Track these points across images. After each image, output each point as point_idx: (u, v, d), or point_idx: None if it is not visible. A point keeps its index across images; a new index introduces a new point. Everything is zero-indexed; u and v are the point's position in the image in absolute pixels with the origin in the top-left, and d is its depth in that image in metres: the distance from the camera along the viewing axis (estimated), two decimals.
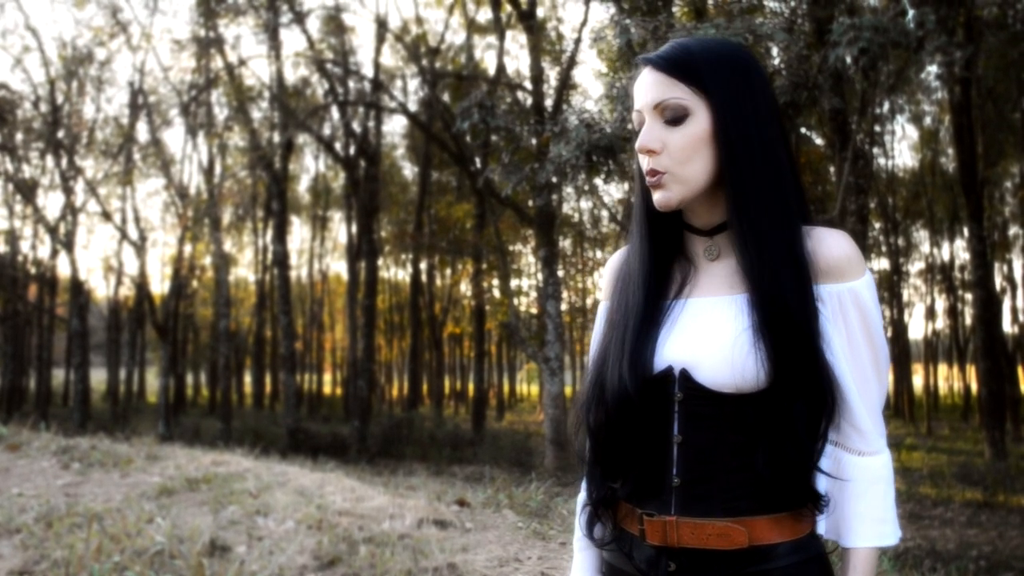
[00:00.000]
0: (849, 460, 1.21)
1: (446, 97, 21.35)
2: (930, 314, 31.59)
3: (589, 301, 29.54)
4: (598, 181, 12.65)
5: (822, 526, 1.21)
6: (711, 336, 1.19)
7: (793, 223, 1.20)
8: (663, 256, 1.30)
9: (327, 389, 41.29)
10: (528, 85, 17.48)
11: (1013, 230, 27.48)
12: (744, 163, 1.19)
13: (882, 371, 1.21)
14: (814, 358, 1.16)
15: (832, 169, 13.32)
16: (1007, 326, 25.62)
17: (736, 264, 1.23)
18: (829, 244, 1.19)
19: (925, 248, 29.99)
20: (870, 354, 1.20)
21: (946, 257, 28.15)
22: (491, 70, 21.52)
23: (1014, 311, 27.80)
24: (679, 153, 1.20)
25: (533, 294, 25.78)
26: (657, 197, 1.23)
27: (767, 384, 1.15)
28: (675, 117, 1.21)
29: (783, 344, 1.14)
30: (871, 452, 1.21)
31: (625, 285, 1.31)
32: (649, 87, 1.23)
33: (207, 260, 24.57)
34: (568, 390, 17.67)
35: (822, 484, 1.21)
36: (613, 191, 19.59)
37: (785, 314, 1.15)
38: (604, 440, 1.27)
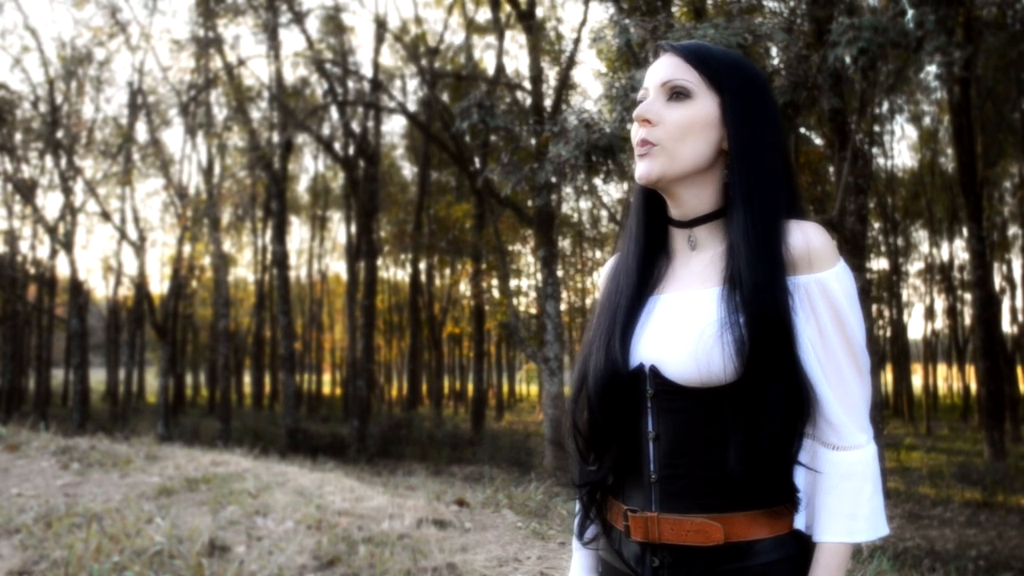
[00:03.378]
0: (823, 454, 1.20)
1: (445, 97, 21.35)
2: (929, 314, 31.61)
3: (588, 301, 29.53)
4: (597, 181, 12.65)
5: (801, 521, 1.20)
6: (679, 331, 1.21)
7: (778, 218, 1.21)
8: (652, 252, 1.32)
9: (326, 389, 41.28)
10: (527, 85, 17.47)
11: (1012, 230, 27.49)
12: (745, 157, 1.22)
13: (860, 364, 1.20)
14: (783, 350, 1.16)
15: (831, 169, 13.31)
16: (1006, 326, 25.64)
17: (713, 256, 1.25)
18: (798, 236, 1.20)
19: (924, 248, 30.01)
20: (843, 347, 1.19)
21: (945, 257, 28.18)
22: (490, 70, 21.51)
23: (1013, 311, 27.81)
24: (674, 129, 1.24)
25: (532, 294, 25.76)
26: (639, 167, 1.26)
27: (735, 377, 1.15)
28: (678, 95, 1.25)
29: (751, 336, 1.15)
30: (846, 447, 1.19)
31: (617, 279, 1.34)
32: (661, 68, 1.28)
33: (206, 260, 24.53)
34: (567, 390, 17.64)
35: (800, 478, 1.20)
36: (612, 191, 19.58)
37: (753, 305, 1.16)
38: (587, 433, 1.31)
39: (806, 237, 1.19)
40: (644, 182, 1.26)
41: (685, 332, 1.20)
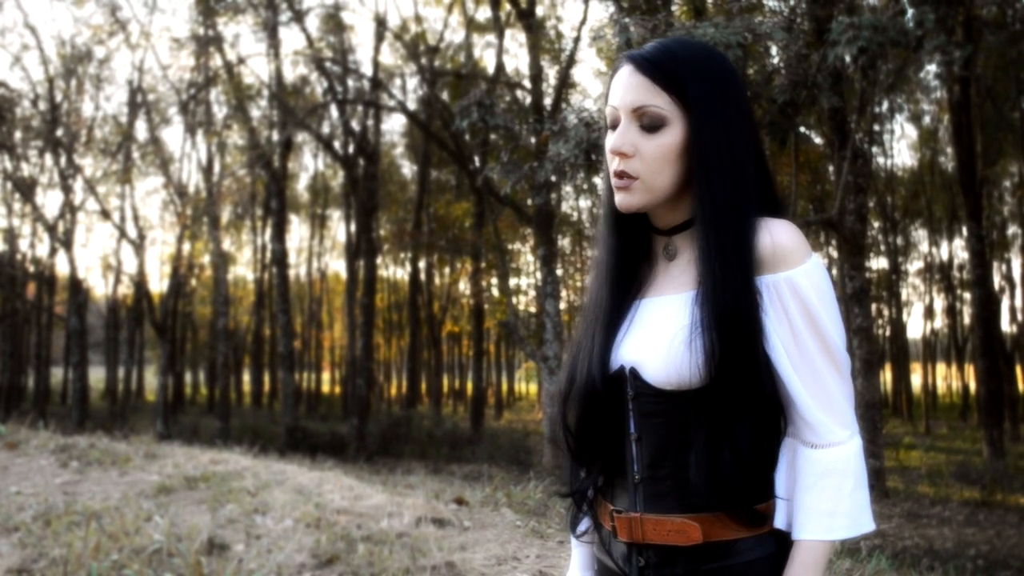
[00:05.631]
0: (803, 452, 1.20)
1: (445, 96, 21.32)
2: (929, 313, 31.62)
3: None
4: (597, 180, 12.64)
5: (782, 519, 1.20)
6: (656, 335, 1.23)
7: (748, 219, 1.21)
8: (630, 255, 1.33)
9: (325, 388, 41.26)
10: (527, 84, 17.46)
11: (1012, 229, 27.48)
12: (712, 174, 1.22)
13: (837, 360, 1.19)
14: (750, 352, 1.16)
15: (831, 168, 13.32)
16: (1005, 325, 25.62)
17: (690, 261, 1.26)
18: (765, 235, 1.20)
19: (924, 247, 30.03)
20: (817, 344, 1.18)
21: (945, 256, 28.20)
22: (490, 69, 21.52)
23: (1012, 310, 27.79)
24: (653, 163, 1.22)
25: (532, 293, 25.77)
26: (620, 199, 1.25)
27: (704, 381, 1.16)
28: (652, 125, 1.22)
29: (719, 339, 1.15)
30: (824, 444, 1.19)
31: (595, 283, 1.35)
32: (630, 88, 1.24)
33: (206, 258, 24.54)
34: None
35: (780, 477, 1.21)
36: None
37: (720, 308, 1.16)
38: (576, 435, 1.32)
39: (772, 236, 1.19)
40: (626, 212, 1.26)
41: (660, 336, 1.22)
